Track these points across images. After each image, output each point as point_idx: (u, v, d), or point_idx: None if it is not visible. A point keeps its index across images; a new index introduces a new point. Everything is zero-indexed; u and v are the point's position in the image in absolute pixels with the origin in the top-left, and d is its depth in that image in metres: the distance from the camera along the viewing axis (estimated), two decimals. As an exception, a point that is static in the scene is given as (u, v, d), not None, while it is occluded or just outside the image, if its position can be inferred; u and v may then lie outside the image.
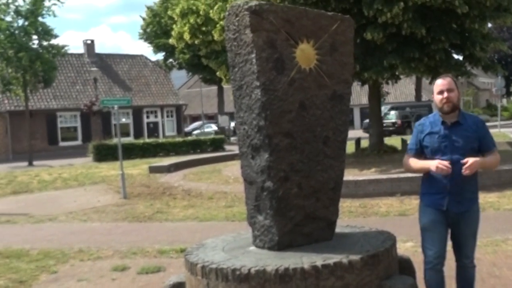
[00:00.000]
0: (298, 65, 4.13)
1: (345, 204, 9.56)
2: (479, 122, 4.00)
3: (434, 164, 3.80)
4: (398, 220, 8.48)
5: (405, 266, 4.27)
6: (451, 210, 3.92)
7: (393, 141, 20.93)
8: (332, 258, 3.64)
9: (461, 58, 16.37)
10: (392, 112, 37.16)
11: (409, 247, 6.67)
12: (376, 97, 17.91)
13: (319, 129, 4.21)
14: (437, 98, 3.93)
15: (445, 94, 3.85)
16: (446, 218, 3.96)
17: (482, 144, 3.92)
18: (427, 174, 3.98)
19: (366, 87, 18.35)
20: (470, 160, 3.74)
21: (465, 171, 3.72)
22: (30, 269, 6.67)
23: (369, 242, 4.03)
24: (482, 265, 5.89)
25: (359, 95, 49.91)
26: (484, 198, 9.42)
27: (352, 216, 9.00)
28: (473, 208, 4.00)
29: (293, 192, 4.08)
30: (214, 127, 44.23)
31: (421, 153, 4.02)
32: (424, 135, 3.98)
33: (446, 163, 3.77)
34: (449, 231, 4.07)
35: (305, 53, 4.17)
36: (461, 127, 3.88)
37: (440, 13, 14.30)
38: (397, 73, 16.85)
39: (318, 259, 3.66)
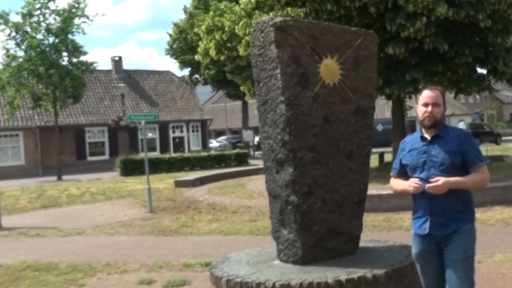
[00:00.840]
0: (322, 80, 4.17)
1: (368, 218, 9.48)
2: (462, 134, 3.62)
3: (408, 184, 3.50)
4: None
5: (431, 282, 4.23)
6: (435, 234, 3.48)
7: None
8: (356, 273, 3.64)
9: (484, 72, 16.20)
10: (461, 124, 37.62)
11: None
12: (400, 111, 17.82)
13: (343, 144, 4.23)
14: (420, 110, 3.58)
15: (429, 108, 3.51)
16: (434, 245, 3.51)
17: (466, 158, 3.48)
18: (413, 195, 3.59)
19: (389, 101, 18.28)
20: (440, 180, 3.36)
21: (430, 190, 3.36)
22: (58, 282, 6.77)
23: (393, 257, 4.01)
24: (507, 280, 5.78)
25: (383, 109, 49.56)
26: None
27: (375, 230, 8.92)
28: (464, 228, 3.47)
29: (317, 206, 4.09)
30: (216, 143, 44.54)
31: (404, 173, 3.66)
32: (405, 153, 3.66)
33: (415, 180, 3.45)
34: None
35: (329, 68, 4.21)
36: (441, 141, 3.52)
37: (463, 27, 14.21)
38: (419, 87, 16.74)
39: (342, 274, 3.66)
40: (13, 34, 25.90)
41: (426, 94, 3.58)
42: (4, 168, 32.42)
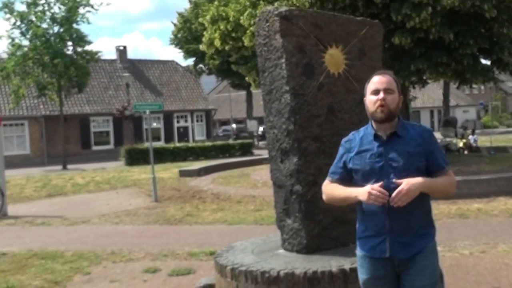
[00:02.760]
0: (327, 70, 4.17)
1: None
2: (425, 132, 2.89)
3: (364, 192, 2.71)
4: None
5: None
6: (397, 257, 2.78)
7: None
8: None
9: (489, 63, 16.15)
10: None
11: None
12: (404, 102, 17.80)
13: (347, 133, 4.23)
14: (369, 99, 2.86)
15: (381, 95, 2.80)
16: (391, 269, 2.83)
17: (430, 162, 2.81)
18: (360, 207, 2.88)
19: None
20: (405, 183, 2.66)
21: (396, 200, 2.65)
22: (64, 270, 6.83)
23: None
24: (510, 270, 5.81)
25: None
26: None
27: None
28: (428, 247, 2.82)
29: (322, 196, 4.11)
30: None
31: (348, 179, 2.91)
32: (352, 155, 2.90)
33: (381, 189, 2.68)
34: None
35: (334, 58, 4.21)
36: (401, 140, 2.81)
37: (468, 17, 14.16)
38: (424, 78, 16.71)
39: (346, 263, 3.69)
40: (18, 23, 25.93)
41: (375, 80, 2.89)
42: (9, 157, 32.44)
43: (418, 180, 2.69)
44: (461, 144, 22.78)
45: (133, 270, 6.69)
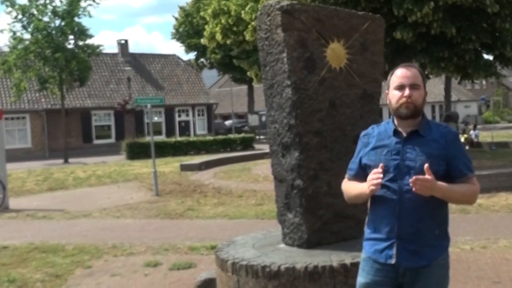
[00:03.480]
0: (328, 64, 4.16)
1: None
2: (449, 134, 2.65)
3: (366, 184, 2.55)
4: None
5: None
6: (403, 265, 2.57)
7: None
8: (361, 256, 3.66)
9: (491, 58, 16.12)
10: None
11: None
12: None
13: (349, 128, 4.23)
14: (393, 95, 2.66)
15: (407, 92, 2.61)
16: (393, 278, 2.61)
17: (452, 167, 2.58)
18: (371, 207, 2.72)
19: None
20: (432, 177, 2.44)
21: (415, 182, 2.42)
22: (65, 263, 6.85)
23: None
24: (511, 265, 5.81)
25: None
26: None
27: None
28: (438, 261, 2.60)
29: (323, 190, 4.11)
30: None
31: (364, 176, 2.65)
32: (368, 150, 2.70)
33: (377, 170, 2.51)
34: None
35: (336, 52, 4.19)
36: (422, 140, 2.59)
37: (470, 12, 14.13)
38: (426, 72, 16.69)
39: (347, 257, 3.69)
40: (20, 16, 25.85)
41: (400, 73, 2.67)
42: (11, 151, 32.49)
43: (438, 182, 2.45)
44: (462, 139, 22.77)
45: (134, 264, 6.70)
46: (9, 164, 14.72)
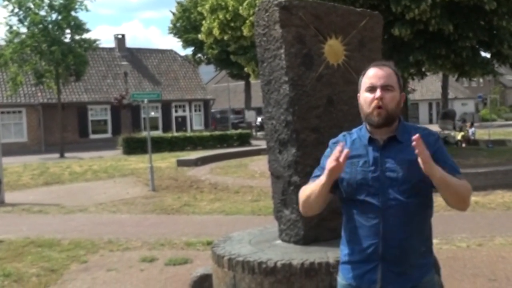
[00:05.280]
0: (326, 61, 4.15)
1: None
2: (430, 136, 2.31)
3: (327, 170, 2.20)
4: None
5: (431, 264, 4.26)
6: None
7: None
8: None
9: (488, 55, 16.15)
10: None
11: (434, 244, 6.61)
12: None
13: (346, 125, 4.21)
14: (363, 97, 2.35)
15: (378, 93, 2.27)
16: None
17: None
18: (346, 226, 2.40)
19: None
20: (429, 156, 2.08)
21: (417, 143, 2.04)
22: (61, 258, 6.84)
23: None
24: (507, 263, 5.83)
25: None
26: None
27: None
28: (427, 279, 2.33)
29: (320, 187, 4.11)
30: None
31: (334, 189, 2.34)
32: None
33: (338, 146, 2.18)
34: None
35: (334, 49, 4.18)
36: (401, 146, 2.28)
37: (468, 10, 14.15)
38: (423, 70, 16.72)
39: (344, 254, 3.68)
40: (16, 10, 25.73)
41: (371, 73, 2.34)
42: (7, 145, 32.39)
43: (438, 168, 2.09)
44: (459, 137, 22.83)
45: (130, 259, 6.70)
46: (5, 158, 14.67)
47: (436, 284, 2.43)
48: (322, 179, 2.23)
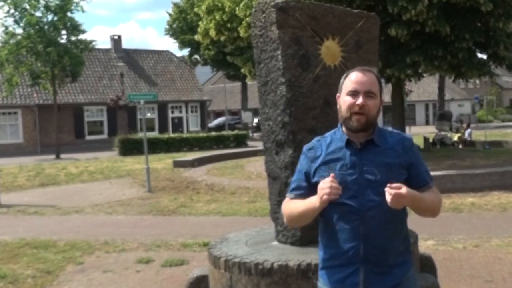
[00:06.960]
0: (323, 62, 4.15)
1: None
2: (406, 141, 2.39)
3: (319, 197, 2.19)
4: (419, 219, 8.42)
5: (427, 264, 4.27)
6: None
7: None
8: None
9: (484, 57, 16.20)
10: None
11: (431, 245, 6.64)
12: (399, 94, 17.85)
13: (343, 126, 4.23)
14: (344, 101, 2.35)
15: (360, 100, 2.29)
16: None
17: (413, 176, 2.35)
18: (325, 230, 2.40)
19: (389, 85, 18.26)
20: (403, 188, 2.13)
21: (390, 190, 2.11)
22: (57, 259, 6.82)
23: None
24: (503, 264, 5.84)
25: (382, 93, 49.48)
26: None
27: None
28: (408, 277, 2.37)
29: (316, 188, 4.10)
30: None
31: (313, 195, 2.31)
32: (317, 166, 2.37)
33: (329, 180, 2.18)
34: None
35: (330, 50, 4.18)
36: (378, 150, 2.33)
37: (464, 11, 14.20)
38: (420, 71, 16.76)
39: (340, 255, 3.68)
40: (12, 11, 25.68)
41: (355, 78, 2.35)
42: (2, 146, 32.42)
43: (412, 191, 2.17)
44: (455, 138, 22.89)
45: (126, 260, 6.68)
46: (0, 159, 14.65)
47: (416, 280, 2.47)
48: (315, 204, 2.22)
